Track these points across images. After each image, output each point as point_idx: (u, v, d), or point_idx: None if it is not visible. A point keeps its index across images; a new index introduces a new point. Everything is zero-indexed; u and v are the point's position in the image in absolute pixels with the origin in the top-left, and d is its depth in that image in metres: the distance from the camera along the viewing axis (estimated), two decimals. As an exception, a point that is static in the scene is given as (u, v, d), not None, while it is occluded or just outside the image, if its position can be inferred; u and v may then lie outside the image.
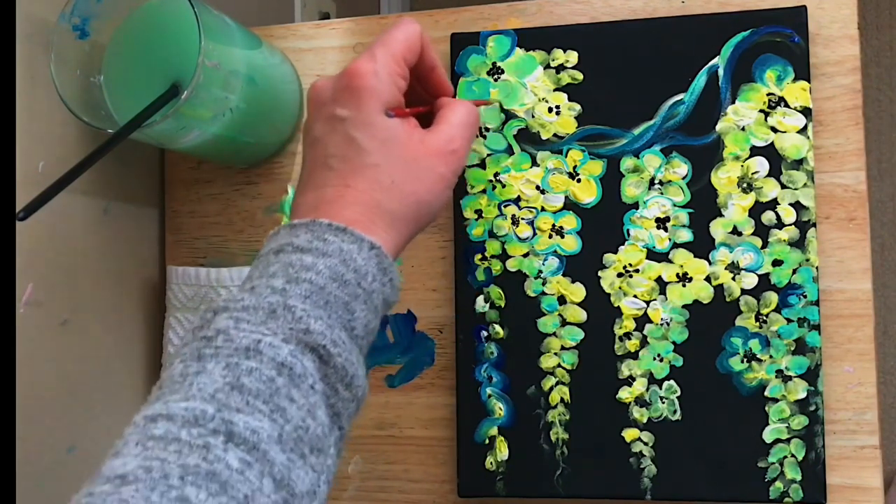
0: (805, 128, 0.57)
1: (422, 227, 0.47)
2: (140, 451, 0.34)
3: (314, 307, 0.40)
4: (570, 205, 0.60)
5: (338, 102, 0.45)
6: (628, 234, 0.59)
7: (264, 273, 0.41)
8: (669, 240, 0.58)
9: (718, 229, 0.58)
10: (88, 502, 0.32)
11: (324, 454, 0.38)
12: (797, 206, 0.57)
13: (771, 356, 0.57)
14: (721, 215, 0.58)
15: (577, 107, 0.60)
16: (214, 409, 0.35)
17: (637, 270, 0.59)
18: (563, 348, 0.59)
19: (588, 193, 0.60)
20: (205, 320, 0.40)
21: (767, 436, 0.56)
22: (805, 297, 0.56)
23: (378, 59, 0.45)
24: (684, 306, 0.58)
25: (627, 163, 0.59)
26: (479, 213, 0.61)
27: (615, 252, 0.59)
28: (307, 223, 0.43)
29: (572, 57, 0.60)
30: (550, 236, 0.60)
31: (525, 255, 0.60)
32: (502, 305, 0.60)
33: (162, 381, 0.38)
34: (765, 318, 0.57)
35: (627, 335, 0.58)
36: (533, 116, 0.60)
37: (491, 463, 0.59)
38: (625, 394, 0.58)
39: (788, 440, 0.56)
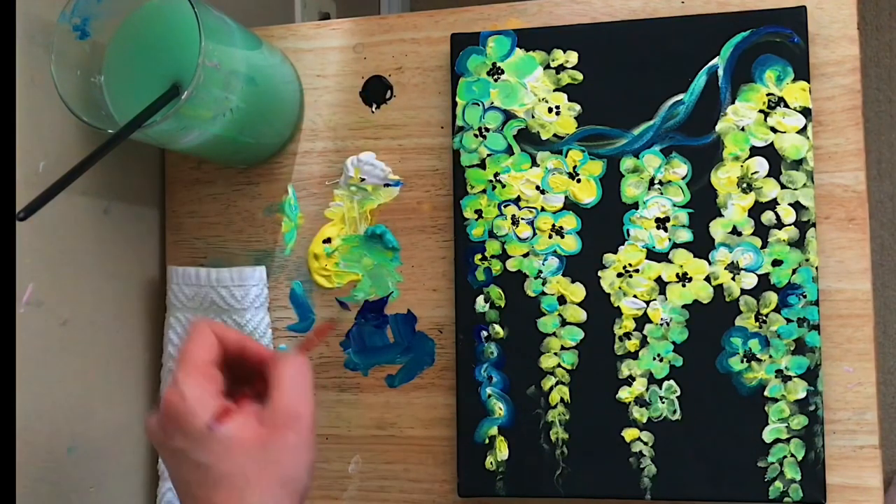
0: (805, 128, 0.57)
1: (306, 494, 0.47)
2: None
3: None
4: (570, 205, 0.60)
5: (168, 435, 0.46)
6: (628, 234, 0.59)
7: None
8: (669, 240, 0.58)
9: (718, 229, 0.58)
10: None
11: None
12: (797, 206, 0.57)
13: (771, 356, 0.57)
14: (721, 215, 0.58)
15: (577, 107, 0.60)
16: None
17: (637, 270, 0.59)
18: (563, 348, 0.59)
19: (588, 193, 0.60)
20: None
21: (767, 436, 0.56)
22: (805, 297, 0.56)
23: (180, 382, 0.46)
24: (684, 306, 0.58)
25: (627, 163, 0.59)
26: (479, 213, 0.61)
27: (615, 252, 0.59)
28: None
29: (572, 57, 0.60)
30: (550, 236, 0.60)
31: (525, 255, 0.60)
32: (502, 305, 0.60)
33: None
34: (764, 318, 0.57)
35: (627, 335, 0.59)
36: (533, 116, 0.60)
37: (491, 463, 0.59)
38: (625, 394, 0.58)
39: (788, 440, 0.56)
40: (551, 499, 0.59)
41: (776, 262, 0.57)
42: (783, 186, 0.57)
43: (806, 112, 0.57)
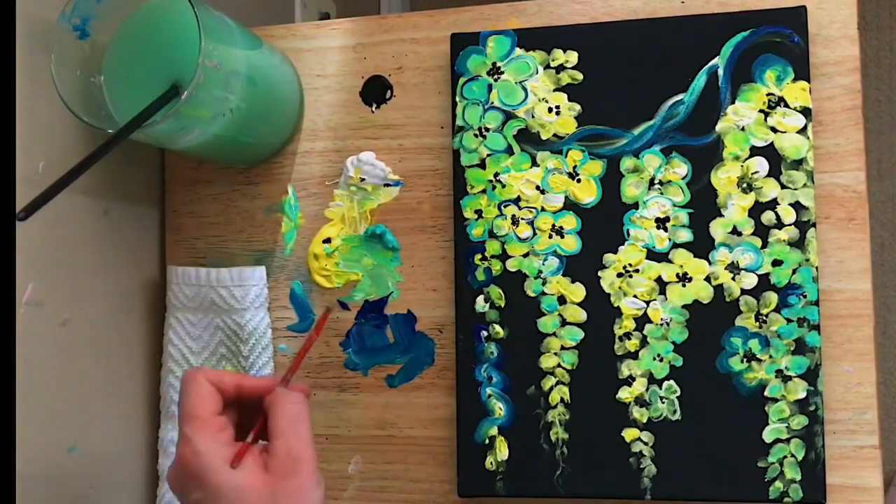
0: (805, 128, 0.57)
1: None
2: None
3: None
4: (570, 205, 0.60)
5: (188, 489, 0.48)
6: (628, 234, 0.59)
7: None
8: (669, 240, 0.58)
9: (718, 229, 0.58)
10: None
11: None
12: (797, 206, 0.57)
13: (771, 356, 0.57)
14: (721, 215, 0.58)
15: (577, 107, 0.60)
16: None
17: (637, 270, 0.59)
18: (563, 348, 0.59)
19: (588, 193, 0.60)
20: None
21: (767, 436, 0.56)
22: (805, 297, 0.56)
23: (190, 438, 0.47)
24: (684, 306, 0.58)
25: (627, 163, 0.59)
26: (479, 213, 0.61)
27: (615, 252, 0.59)
28: None
29: (572, 57, 0.60)
30: (550, 236, 0.60)
31: (525, 255, 0.60)
32: (502, 305, 0.60)
33: None
34: (765, 318, 0.57)
35: (627, 335, 0.59)
36: (533, 116, 0.60)
37: (491, 463, 0.59)
38: (625, 394, 0.58)
39: (788, 440, 0.56)
40: (551, 499, 0.59)
41: (776, 262, 0.57)
42: (783, 186, 0.57)
43: (806, 112, 0.57)
